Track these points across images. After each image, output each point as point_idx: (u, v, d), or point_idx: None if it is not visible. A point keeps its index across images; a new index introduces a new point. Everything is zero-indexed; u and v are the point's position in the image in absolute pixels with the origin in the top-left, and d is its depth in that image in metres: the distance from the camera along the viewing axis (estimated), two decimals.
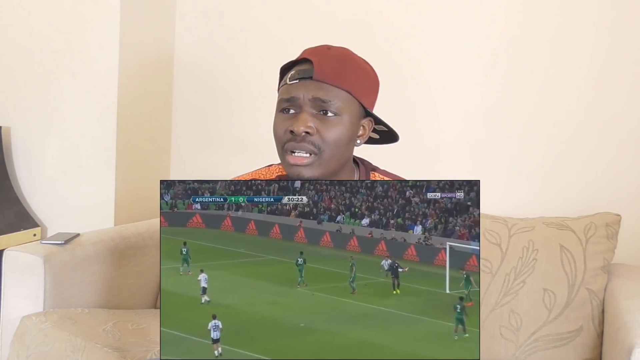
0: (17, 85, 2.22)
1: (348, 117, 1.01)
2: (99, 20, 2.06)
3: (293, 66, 1.05)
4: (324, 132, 0.99)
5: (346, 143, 1.03)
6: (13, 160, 2.25)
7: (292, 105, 1.01)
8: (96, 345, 1.38)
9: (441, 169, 2.00)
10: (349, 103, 1.02)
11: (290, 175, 1.02)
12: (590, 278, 1.59)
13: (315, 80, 1.00)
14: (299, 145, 0.99)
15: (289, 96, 1.01)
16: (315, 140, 0.99)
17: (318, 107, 1.00)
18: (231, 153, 2.30)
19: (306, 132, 0.98)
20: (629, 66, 1.81)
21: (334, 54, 1.03)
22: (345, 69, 1.02)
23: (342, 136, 1.01)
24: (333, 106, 0.99)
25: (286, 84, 1.02)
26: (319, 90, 0.99)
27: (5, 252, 1.58)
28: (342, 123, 1.01)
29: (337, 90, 1.00)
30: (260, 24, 2.23)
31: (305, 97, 0.99)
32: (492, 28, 1.94)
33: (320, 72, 0.99)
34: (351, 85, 1.02)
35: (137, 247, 1.80)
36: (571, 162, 1.88)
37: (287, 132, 1.00)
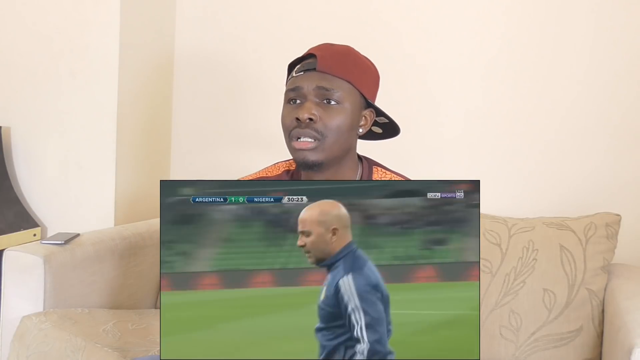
0: (17, 85, 2.22)
1: (349, 106, 1.09)
2: (99, 20, 2.06)
3: (299, 62, 1.13)
4: (327, 119, 1.07)
5: (348, 130, 1.10)
6: (13, 160, 2.25)
7: (298, 95, 1.09)
8: (96, 345, 1.38)
9: (441, 168, 2.00)
10: (351, 92, 1.09)
11: (296, 159, 1.10)
12: (590, 278, 1.59)
13: (318, 72, 1.08)
14: (303, 131, 1.07)
15: (294, 86, 1.09)
16: (319, 127, 1.07)
17: (321, 96, 1.08)
18: (232, 152, 2.30)
19: (310, 118, 1.06)
20: (629, 66, 1.81)
21: (337, 49, 1.12)
22: (347, 61, 1.11)
23: (344, 123, 1.08)
24: (335, 95, 1.07)
25: (292, 77, 1.11)
26: (322, 80, 1.07)
27: (5, 252, 1.58)
28: (344, 111, 1.08)
29: (339, 80, 1.08)
30: (260, 23, 2.23)
31: (309, 87, 1.08)
32: (492, 28, 1.94)
33: (323, 64, 1.08)
34: (352, 76, 1.09)
35: (137, 247, 1.80)
36: (571, 162, 1.88)
37: (293, 120, 1.08)
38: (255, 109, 2.24)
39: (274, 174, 1.24)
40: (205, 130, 2.34)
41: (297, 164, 1.11)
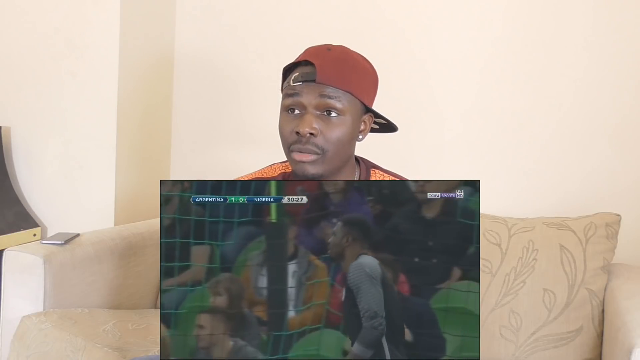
0: (17, 85, 2.22)
1: (350, 117, 1.07)
2: (99, 20, 2.06)
3: (295, 67, 1.09)
4: (328, 133, 1.05)
5: (349, 141, 1.08)
6: (13, 160, 2.25)
7: (297, 106, 1.06)
8: (96, 345, 1.38)
9: (441, 168, 2.00)
10: (351, 103, 1.07)
11: (295, 171, 1.08)
12: (590, 278, 1.59)
13: (318, 83, 1.04)
14: (304, 147, 1.04)
15: (293, 98, 1.06)
16: (319, 141, 1.04)
17: (322, 108, 1.05)
18: (232, 152, 2.30)
19: (311, 133, 1.03)
20: (629, 66, 1.81)
21: (335, 56, 1.08)
22: (346, 70, 1.07)
23: (345, 135, 1.06)
24: (336, 107, 1.05)
25: (290, 85, 1.07)
26: (322, 92, 1.04)
27: (5, 252, 1.58)
28: (344, 123, 1.06)
29: (339, 91, 1.05)
30: (261, 22, 2.23)
31: (309, 99, 1.05)
32: (492, 27, 1.94)
33: (323, 75, 1.04)
34: (352, 86, 1.06)
35: (137, 247, 1.80)
36: (571, 162, 1.88)
37: (292, 133, 1.05)
38: (256, 108, 2.24)
39: (269, 175, 1.22)
40: (206, 130, 2.34)
41: (297, 175, 1.09)
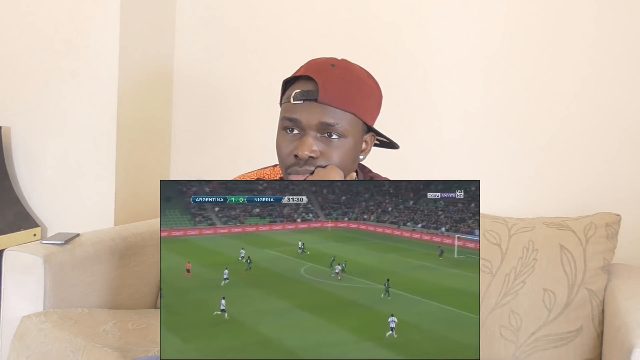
0: (17, 85, 2.22)
1: (352, 138, 1.02)
2: (99, 20, 2.07)
3: (296, 80, 1.03)
4: (329, 155, 1.00)
5: (351, 162, 1.04)
6: (13, 160, 2.25)
7: (296, 126, 1.00)
8: (96, 345, 1.38)
9: (441, 169, 2.00)
10: (354, 124, 1.02)
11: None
12: (590, 278, 1.59)
13: (320, 103, 0.98)
14: (302, 169, 1.00)
15: (293, 117, 1.00)
16: (320, 162, 1.00)
17: (323, 130, 1.00)
18: (231, 154, 2.30)
19: (310, 156, 0.99)
20: (629, 67, 1.81)
21: (338, 74, 1.01)
22: (350, 90, 1.01)
23: (347, 157, 1.02)
24: (338, 129, 0.99)
25: (290, 103, 1.01)
26: (324, 113, 0.98)
27: (5, 252, 1.58)
28: (346, 145, 1.01)
29: (342, 112, 0.99)
30: (260, 30, 2.23)
31: (310, 120, 0.99)
32: (492, 29, 1.94)
33: (325, 95, 0.98)
34: (356, 107, 1.01)
35: (137, 247, 1.80)
36: (571, 162, 1.88)
37: (291, 155, 1.01)
38: (255, 113, 2.24)
39: (270, 177, 1.20)
40: (205, 130, 2.34)
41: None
